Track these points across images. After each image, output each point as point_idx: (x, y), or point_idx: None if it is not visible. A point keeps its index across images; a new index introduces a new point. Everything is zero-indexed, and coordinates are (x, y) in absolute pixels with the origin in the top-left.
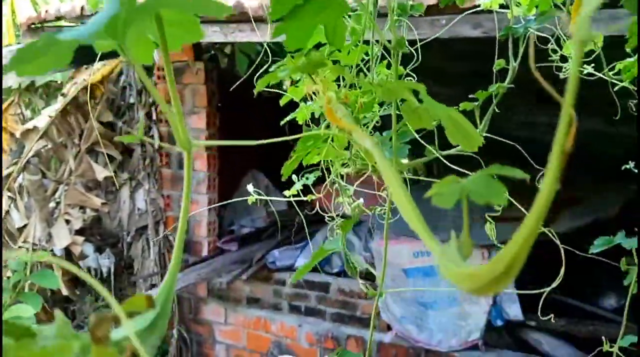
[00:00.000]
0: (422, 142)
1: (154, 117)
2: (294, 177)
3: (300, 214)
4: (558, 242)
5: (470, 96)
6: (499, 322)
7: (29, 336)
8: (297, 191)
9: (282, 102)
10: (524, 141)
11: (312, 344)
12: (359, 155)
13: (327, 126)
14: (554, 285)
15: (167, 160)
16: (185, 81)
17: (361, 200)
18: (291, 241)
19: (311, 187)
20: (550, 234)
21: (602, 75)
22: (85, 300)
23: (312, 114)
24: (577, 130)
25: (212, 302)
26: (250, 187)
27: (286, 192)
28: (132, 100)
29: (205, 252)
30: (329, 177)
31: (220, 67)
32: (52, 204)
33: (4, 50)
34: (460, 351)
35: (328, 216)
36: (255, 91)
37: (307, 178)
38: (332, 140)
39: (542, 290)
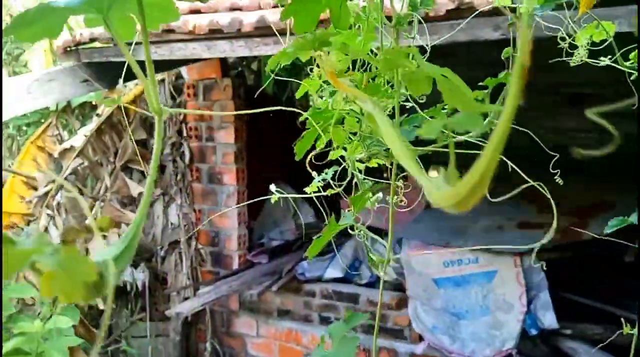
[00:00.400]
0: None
1: (185, 133)
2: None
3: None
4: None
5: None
6: (534, 331)
7: (11, 243)
8: (318, 187)
9: (297, 94)
10: (550, 147)
11: None
12: (372, 138)
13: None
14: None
15: (198, 175)
16: (214, 98)
17: (380, 194)
18: (320, 252)
19: (342, 195)
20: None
21: (617, 66)
22: (122, 315)
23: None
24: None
25: (244, 314)
26: (272, 187)
27: (306, 189)
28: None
29: (235, 266)
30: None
31: (247, 83)
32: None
33: (42, 72)
34: None
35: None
36: (264, 85)
37: (326, 173)
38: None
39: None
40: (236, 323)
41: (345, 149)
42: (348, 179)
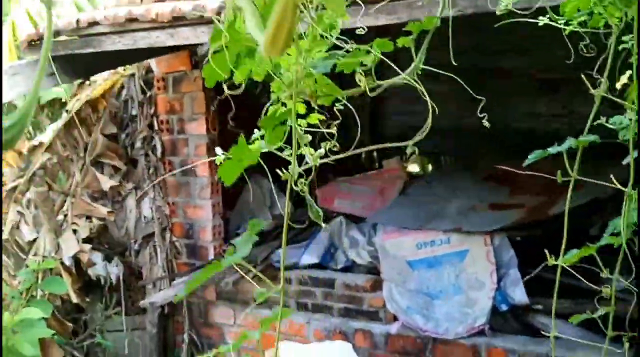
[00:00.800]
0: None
1: (156, 127)
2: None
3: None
4: None
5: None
6: (504, 307)
7: None
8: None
9: (258, 77)
10: (524, 132)
11: (321, 340)
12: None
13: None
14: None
15: (171, 168)
16: (184, 89)
17: (321, 150)
18: (296, 240)
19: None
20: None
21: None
22: (96, 309)
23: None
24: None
25: (221, 304)
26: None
27: (282, 174)
28: (134, 112)
29: (211, 256)
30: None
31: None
32: (60, 216)
33: (5, 66)
34: (467, 338)
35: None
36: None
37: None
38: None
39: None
40: (214, 313)
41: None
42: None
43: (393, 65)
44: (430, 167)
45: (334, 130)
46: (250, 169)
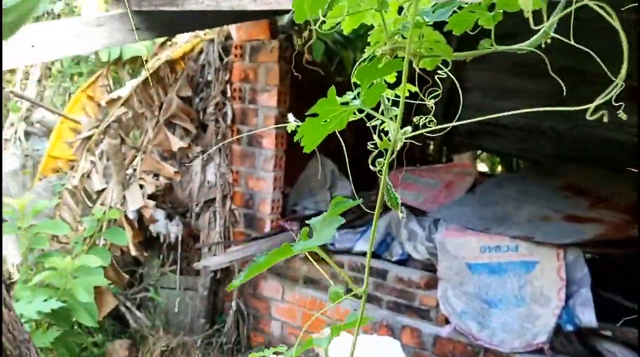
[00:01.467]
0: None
1: (229, 94)
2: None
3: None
4: None
5: None
6: (570, 327)
7: None
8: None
9: (346, 29)
10: (610, 143)
11: (366, 331)
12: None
13: None
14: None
15: (239, 137)
16: (260, 59)
17: (409, 128)
18: (353, 225)
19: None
20: None
21: None
22: (153, 265)
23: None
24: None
25: (271, 279)
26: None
27: (378, 142)
28: (209, 78)
29: (267, 229)
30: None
31: (295, 47)
32: (129, 171)
33: (91, 17)
34: (522, 354)
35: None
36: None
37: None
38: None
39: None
40: (263, 286)
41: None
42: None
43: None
44: (500, 168)
45: (432, 102)
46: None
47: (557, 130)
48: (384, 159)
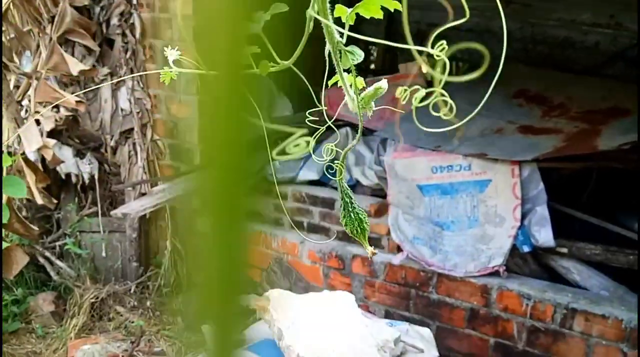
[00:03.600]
0: None
1: (135, 1)
2: None
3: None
4: None
5: None
6: (526, 248)
7: None
8: None
9: None
10: (561, 42)
11: (315, 262)
12: None
13: None
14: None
15: (152, 54)
16: None
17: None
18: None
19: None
20: None
21: None
22: (69, 207)
23: None
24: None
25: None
26: None
27: None
28: None
29: (198, 160)
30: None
31: None
32: (24, 103)
33: None
34: (477, 277)
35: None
36: None
37: None
38: None
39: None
40: (200, 221)
41: None
42: None
43: None
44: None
45: None
46: None
47: (508, 30)
48: None
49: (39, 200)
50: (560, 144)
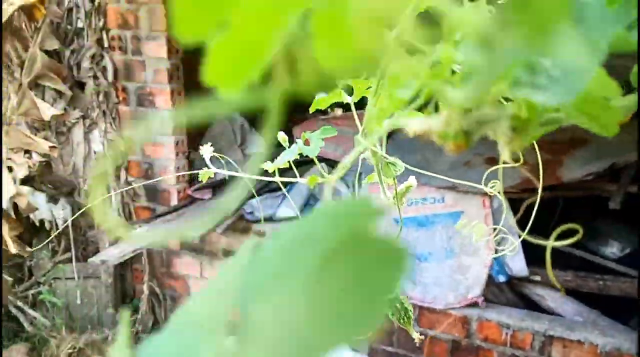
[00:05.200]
0: None
1: (106, 44)
2: None
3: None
4: None
5: None
6: (502, 279)
7: None
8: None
9: None
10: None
11: None
12: None
13: None
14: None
15: (125, 96)
16: (141, 0)
17: None
18: (272, 189)
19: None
20: None
21: None
22: (42, 255)
23: None
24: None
25: (186, 255)
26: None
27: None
28: (80, 25)
29: (174, 201)
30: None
31: None
32: None
33: None
34: (457, 308)
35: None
36: None
37: None
38: None
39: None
40: (177, 264)
41: None
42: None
43: None
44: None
45: None
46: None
47: None
48: None
49: (13, 249)
50: (527, 175)
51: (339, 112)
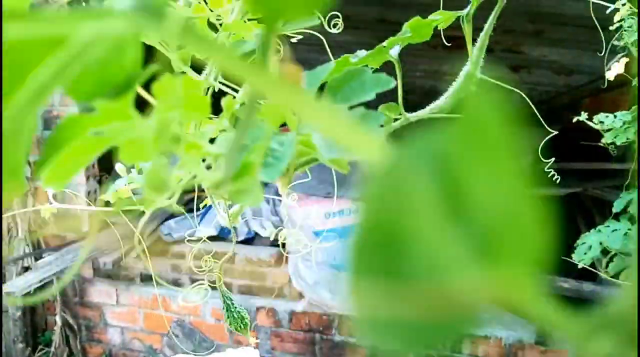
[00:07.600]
0: None
1: None
2: None
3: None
4: None
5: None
6: None
7: None
8: None
9: None
10: (427, 91)
11: (219, 320)
12: None
13: None
14: None
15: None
16: None
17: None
18: (191, 209)
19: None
20: None
21: None
22: None
23: None
24: None
25: (100, 282)
26: None
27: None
28: None
29: (86, 228)
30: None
31: None
32: None
33: None
34: None
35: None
36: None
37: None
38: None
39: None
40: (91, 292)
41: None
42: None
43: None
44: None
45: None
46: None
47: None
48: None
49: None
50: None
51: None
